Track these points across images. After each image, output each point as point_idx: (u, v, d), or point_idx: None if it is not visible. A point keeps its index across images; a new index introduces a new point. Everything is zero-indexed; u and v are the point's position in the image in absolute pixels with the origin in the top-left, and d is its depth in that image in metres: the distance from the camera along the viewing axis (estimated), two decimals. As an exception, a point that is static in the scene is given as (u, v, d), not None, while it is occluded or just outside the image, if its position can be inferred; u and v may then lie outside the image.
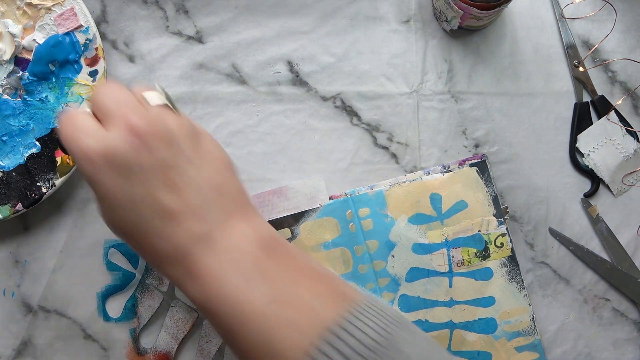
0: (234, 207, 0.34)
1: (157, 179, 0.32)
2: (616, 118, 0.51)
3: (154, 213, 0.33)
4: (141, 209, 0.32)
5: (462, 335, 0.49)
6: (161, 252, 0.33)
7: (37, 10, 0.47)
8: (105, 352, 0.49)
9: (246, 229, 0.34)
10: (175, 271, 0.34)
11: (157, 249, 0.33)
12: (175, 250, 0.33)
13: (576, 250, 0.51)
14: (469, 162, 0.50)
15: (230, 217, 0.34)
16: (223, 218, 0.33)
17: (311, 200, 0.49)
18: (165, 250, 0.33)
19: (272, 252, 0.33)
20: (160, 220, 0.33)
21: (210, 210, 0.33)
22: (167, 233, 0.33)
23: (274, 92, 0.51)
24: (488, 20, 0.49)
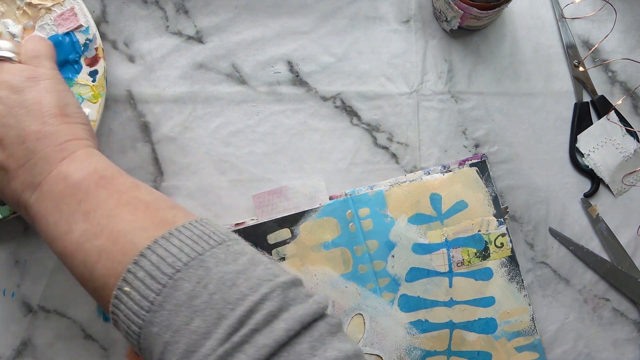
0: (57, 153, 0.37)
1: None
2: (616, 118, 0.51)
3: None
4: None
5: (462, 335, 0.49)
6: (8, 199, 0.39)
7: (37, 10, 0.47)
8: (105, 352, 0.49)
9: (67, 170, 0.36)
10: (22, 214, 0.38)
11: (5, 197, 0.39)
12: (14, 199, 0.38)
13: (576, 250, 0.51)
14: (469, 162, 0.50)
15: (53, 164, 0.37)
16: (46, 166, 0.37)
17: (311, 200, 0.49)
18: (9, 199, 0.38)
19: (94, 187, 0.36)
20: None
21: (36, 161, 0.37)
22: (4, 184, 0.38)
23: (274, 92, 0.51)
24: (488, 20, 0.49)
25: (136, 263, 0.32)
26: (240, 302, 0.31)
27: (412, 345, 0.48)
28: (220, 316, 0.30)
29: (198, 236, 0.34)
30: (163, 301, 0.31)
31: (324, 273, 0.48)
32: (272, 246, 0.48)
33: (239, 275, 0.32)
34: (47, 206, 0.36)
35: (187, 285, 0.31)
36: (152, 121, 0.50)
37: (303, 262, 0.48)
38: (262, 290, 0.31)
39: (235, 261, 0.33)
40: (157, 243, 0.33)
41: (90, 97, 0.47)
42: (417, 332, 0.48)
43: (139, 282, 0.32)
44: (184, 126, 0.50)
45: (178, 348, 0.30)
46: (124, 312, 0.32)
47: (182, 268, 0.32)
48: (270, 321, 0.30)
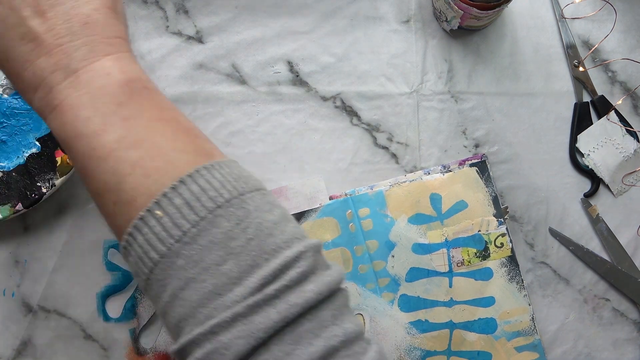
0: (104, 46, 0.33)
1: (26, 1, 0.33)
2: (616, 118, 0.51)
3: (19, 36, 0.33)
4: (7, 31, 0.33)
5: (462, 335, 0.49)
6: (26, 79, 0.33)
7: None
8: (105, 352, 0.49)
9: (112, 67, 0.33)
10: (37, 101, 0.33)
11: (22, 76, 0.33)
12: (37, 79, 0.33)
13: (576, 250, 0.51)
14: (469, 162, 0.50)
15: (97, 55, 0.33)
16: (89, 54, 0.33)
17: (311, 200, 0.49)
18: (29, 79, 0.33)
19: (137, 95, 0.33)
20: (25, 44, 0.33)
21: (77, 44, 0.33)
22: (31, 60, 0.33)
23: (274, 92, 0.51)
24: (488, 20, 0.49)
25: (174, 189, 0.30)
26: (275, 254, 0.30)
27: (412, 345, 0.48)
28: (255, 264, 0.29)
29: (237, 176, 0.32)
30: (197, 234, 0.29)
31: (324, 273, 0.48)
32: (272, 246, 0.48)
33: (275, 225, 0.31)
34: (82, 98, 0.32)
35: (226, 224, 0.30)
36: (152, 121, 0.50)
37: (303, 262, 0.48)
38: (296, 247, 0.30)
39: (271, 211, 0.32)
40: (199, 173, 0.30)
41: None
42: (417, 332, 0.48)
43: (173, 209, 0.29)
44: (184, 126, 0.50)
45: (204, 287, 0.29)
46: (146, 237, 0.30)
47: (224, 204, 0.30)
48: (302, 281, 0.29)
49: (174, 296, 0.30)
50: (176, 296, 0.29)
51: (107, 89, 0.32)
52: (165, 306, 0.30)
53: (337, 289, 0.31)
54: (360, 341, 0.30)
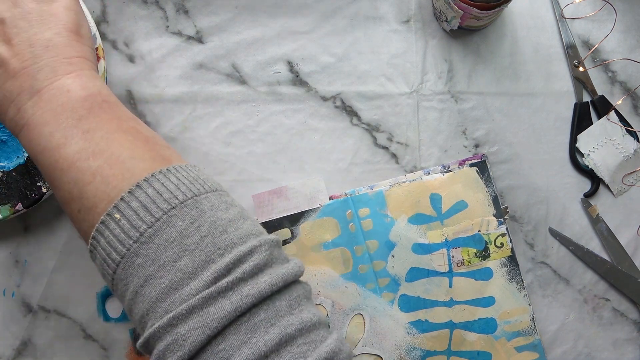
0: (66, 65, 0.36)
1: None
2: (616, 118, 0.51)
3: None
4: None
5: (462, 335, 0.49)
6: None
7: None
8: (105, 352, 0.49)
9: (73, 84, 0.36)
10: (8, 121, 0.37)
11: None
12: (7, 100, 0.36)
13: (576, 250, 0.51)
14: (469, 162, 0.50)
15: (59, 74, 0.36)
16: (51, 74, 0.36)
17: (311, 201, 0.49)
18: (0, 101, 0.36)
19: (96, 109, 0.35)
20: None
21: (40, 66, 0.36)
22: (0, 84, 0.36)
23: (274, 92, 0.51)
24: (488, 20, 0.49)
25: (131, 193, 0.32)
26: (229, 250, 0.31)
27: (412, 345, 0.48)
28: (209, 259, 0.31)
29: (194, 178, 0.34)
30: (153, 234, 0.31)
31: (324, 273, 0.48)
32: (272, 246, 0.48)
33: (230, 223, 0.33)
34: (45, 115, 0.35)
35: (180, 223, 0.32)
36: (152, 121, 0.50)
37: (303, 262, 0.48)
38: (250, 242, 0.32)
39: (227, 210, 0.33)
40: (155, 177, 0.33)
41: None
42: (417, 332, 0.48)
43: (131, 212, 0.32)
44: (184, 126, 0.50)
45: (161, 283, 0.31)
46: (107, 239, 0.32)
47: (178, 205, 0.32)
48: (255, 273, 0.31)
49: (135, 293, 0.31)
50: (138, 293, 0.31)
51: (68, 105, 0.35)
52: (129, 303, 0.32)
53: (293, 282, 0.33)
54: (319, 330, 0.32)
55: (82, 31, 0.39)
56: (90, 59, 0.39)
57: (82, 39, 0.39)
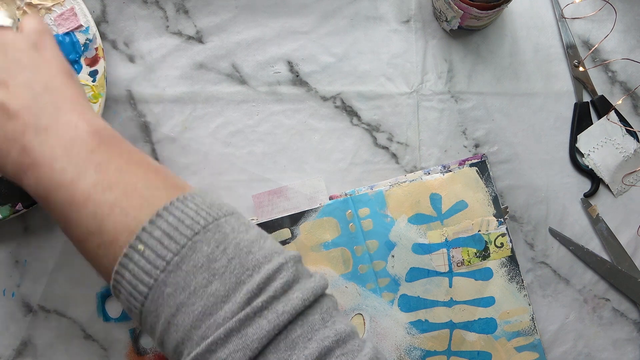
0: (68, 104, 0.36)
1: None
2: (616, 118, 0.51)
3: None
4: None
5: (462, 335, 0.49)
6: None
7: (37, 10, 0.47)
8: (105, 352, 0.49)
9: (79, 120, 0.35)
10: (10, 165, 0.35)
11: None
12: (8, 142, 0.35)
13: (576, 250, 0.51)
14: (469, 162, 0.50)
15: (63, 111, 0.36)
16: (55, 111, 0.35)
17: (311, 201, 0.49)
18: (0, 144, 0.35)
19: (105, 143, 0.35)
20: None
21: (42, 104, 0.36)
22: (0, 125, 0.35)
23: (274, 92, 0.51)
24: (488, 20, 0.49)
25: (152, 222, 0.31)
26: (257, 270, 0.31)
27: (412, 345, 0.48)
28: (240, 281, 0.31)
29: (211, 203, 0.34)
30: (180, 261, 0.31)
31: (324, 273, 0.48)
32: (272, 246, 0.48)
33: (253, 243, 0.33)
34: (55, 150, 0.34)
35: (206, 248, 0.31)
36: (152, 121, 0.50)
37: (303, 262, 0.48)
38: (277, 260, 0.32)
39: (247, 231, 0.33)
40: (174, 205, 0.32)
41: (90, 97, 0.47)
42: (417, 332, 0.48)
43: (154, 241, 0.31)
44: (184, 126, 0.50)
45: (194, 310, 0.30)
46: (132, 272, 0.31)
47: (201, 230, 0.32)
48: (287, 290, 0.31)
49: (167, 323, 0.31)
50: (170, 323, 0.31)
51: (77, 139, 0.34)
52: (161, 335, 0.32)
53: (322, 295, 0.33)
54: (354, 339, 0.31)
55: (74, 76, 0.40)
56: (86, 99, 0.39)
57: (76, 81, 0.39)
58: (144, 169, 0.35)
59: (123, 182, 0.33)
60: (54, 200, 0.34)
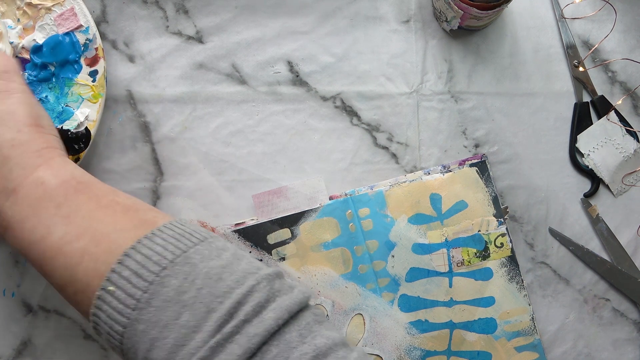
0: (34, 159, 0.37)
1: None
2: (616, 118, 0.51)
3: None
4: None
5: (462, 335, 0.49)
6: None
7: (37, 10, 0.47)
8: (105, 352, 0.49)
9: (45, 176, 0.36)
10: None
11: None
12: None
13: (576, 250, 0.51)
14: (469, 162, 0.50)
15: (29, 169, 0.37)
16: (22, 171, 0.36)
17: (311, 201, 0.49)
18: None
19: (72, 192, 0.36)
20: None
21: (10, 166, 0.37)
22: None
23: (274, 92, 0.51)
24: (488, 20, 0.49)
25: (121, 263, 0.32)
26: (228, 295, 0.31)
27: (412, 345, 0.48)
28: (210, 309, 0.31)
29: (180, 235, 0.34)
30: (150, 298, 0.31)
31: (324, 273, 0.48)
32: (272, 246, 0.48)
33: (224, 269, 0.33)
34: (23, 211, 0.35)
35: (174, 281, 0.32)
36: (152, 121, 0.50)
37: (303, 262, 0.48)
38: (248, 283, 0.32)
39: (219, 256, 0.34)
40: (141, 243, 0.33)
41: (90, 97, 0.47)
42: (417, 332, 0.48)
43: (124, 281, 0.32)
44: (184, 126, 0.50)
45: (166, 343, 0.30)
46: (107, 313, 0.32)
47: (169, 265, 0.32)
48: (259, 312, 0.31)
49: (145, 359, 0.31)
50: (147, 358, 0.31)
51: (44, 197, 0.35)
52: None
53: (301, 309, 0.32)
54: (337, 351, 0.31)
55: (42, 122, 0.40)
56: (56, 146, 0.40)
57: (44, 129, 0.40)
58: (112, 211, 0.36)
59: (91, 230, 0.34)
60: (30, 256, 0.36)
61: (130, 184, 0.50)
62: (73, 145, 0.46)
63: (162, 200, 0.50)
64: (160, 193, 0.50)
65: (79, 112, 0.47)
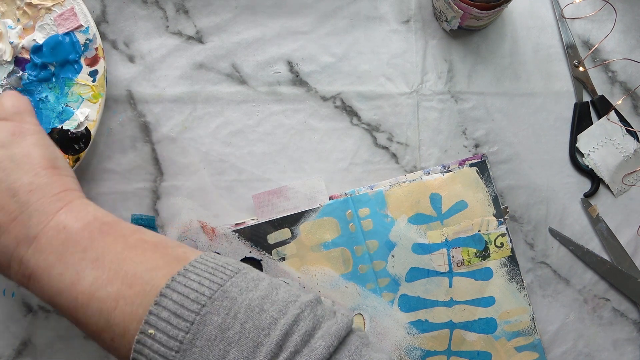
0: (54, 203, 0.36)
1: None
2: (616, 118, 0.51)
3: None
4: None
5: (462, 335, 0.49)
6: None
7: (37, 10, 0.47)
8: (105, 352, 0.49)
9: (67, 220, 0.35)
10: (14, 275, 0.36)
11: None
12: (6, 257, 0.35)
13: (576, 250, 0.51)
14: (469, 162, 0.50)
15: (50, 214, 0.35)
16: (42, 217, 0.35)
17: (311, 201, 0.49)
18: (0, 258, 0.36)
19: (97, 235, 0.35)
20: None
21: (29, 212, 0.35)
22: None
23: (274, 92, 0.51)
24: (488, 20, 0.49)
25: (157, 304, 0.31)
26: (273, 327, 0.30)
27: (412, 345, 0.48)
28: (257, 344, 0.30)
29: (213, 268, 0.33)
30: (193, 338, 0.30)
31: (324, 273, 0.48)
32: (272, 246, 0.48)
33: (264, 300, 0.32)
34: (49, 259, 0.34)
35: (216, 318, 0.31)
36: (152, 121, 0.50)
37: (303, 262, 0.48)
38: (292, 312, 0.31)
39: (257, 287, 0.33)
40: (175, 280, 0.32)
41: (90, 97, 0.47)
42: (417, 332, 0.48)
43: (163, 323, 0.31)
44: (184, 126, 0.50)
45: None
46: (148, 357, 0.31)
47: (207, 302, 0.31)
48: (307, 341, 0.30)
49: None
50: None
51: (69, 241, 0.34)
52: None
53: (347, 334, 0.32)
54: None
55: (58, 163, 0.39)
56: (74, 187, 0.38)
57: (61, 171, 0.38)
58: (141, 250, 0.34)
59: (122, 272, 0.33)
60: (60, 305, 0.34)
61: (130, 184, 0.50)
62: (73, 145, 0.46)
63: (162, 200, 0.50)
64: (160, 193, 0.50)
65: (79, 112, 0.47)
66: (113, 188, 0.49)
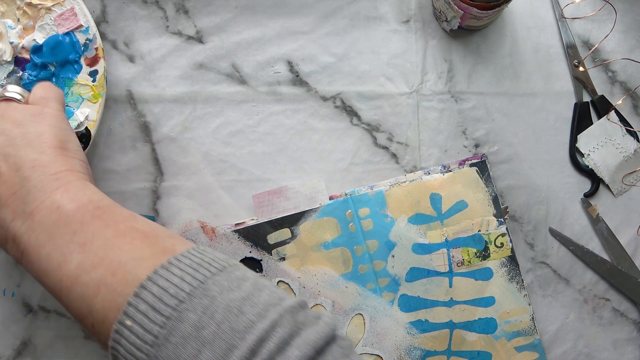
0: (53, 182, 0.36)
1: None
2: (616, 118, 0.51)
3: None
4: None
5: (462, 335, 0.49)
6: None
7: (37, 10, 0.47)
8: (105, 352, 0.49)
9: (62, 199, 0.35)
10: (10, 250, 0.37)
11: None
12: (4, 230, 0.36)
13: (576, 250, 0.51)
14: (469, 162, 0.50)
15: (47, 192, 0.36)
16: (39, 194, 0.35)
17: (311, 201, 0.49)
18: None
19: (89, 218, 0.35)
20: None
21: (28, 188, 0.36)
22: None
23: (274, 92, 0.51)
24: (488, 20, 0.49)
25: (137, 295, 0.31)
26: (249, 331, 0.30)
27: (412, 345, 0.48)
28: (231, 346, 0.29)
29: (198, 264, 0.33)
30: (168, 334, 0.30)
31: (324, 273, 0.48)
32: (272, 246, 0.48)
33: (244, 301, 0.31)
34: (39, 238, 0.34)
35: (193, 316, 0.30)
36: (152, 121, 0.50)
37: (303, 262, 0.48)
38: (270, 317, 0.30)
39: (239, 287, 0.32)
40: (157, 273, 0.32)
41: (90, 97, 0.47)
42: (417, 332, 0.48)
43: (141, 316, 0.30)
44: (184, 126, 0.50)
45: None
46: (125, 348, 0.31)
47: (186, 298, 0.31)
48: (282, 349, 0.29)
49: None
50: None
51: (60, 222, 0.34)
52: None
53: (326, 343, 0.31)
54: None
55: (68, 145, 0.39)
56: (79, 169, 0.38)
57: (69, 153, 0.39)
58: (130, 239, 0.34)
59: (108, 259, 0.33)
60: (46, 285, 0.34)
61: (130, 184, 0.50)
62: (73, 145, 0.46)
63: (162, 200, 0.50)
64: (160, 193, 0.50)
65: (79, 112, 0.47)
66: (113, 188, 0.49)
